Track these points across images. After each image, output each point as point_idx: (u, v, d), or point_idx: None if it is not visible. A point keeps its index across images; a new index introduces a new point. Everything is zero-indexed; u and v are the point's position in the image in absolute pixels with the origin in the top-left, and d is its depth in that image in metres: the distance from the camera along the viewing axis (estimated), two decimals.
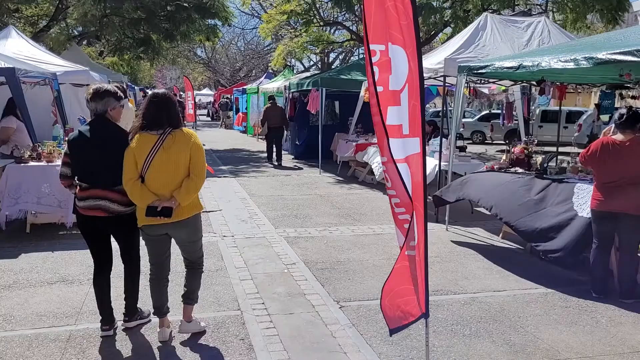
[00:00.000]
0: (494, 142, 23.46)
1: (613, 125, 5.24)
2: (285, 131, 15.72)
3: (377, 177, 10.63)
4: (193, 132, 3.96)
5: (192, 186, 3.82)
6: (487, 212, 6.97)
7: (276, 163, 14.66)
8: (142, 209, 3.83)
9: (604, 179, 5.03)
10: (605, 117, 11.60)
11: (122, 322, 4.28)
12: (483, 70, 6.96)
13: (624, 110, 5.10)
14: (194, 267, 4.19)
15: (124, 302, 4.27)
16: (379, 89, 3.07)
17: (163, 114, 3.83)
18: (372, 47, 3.02)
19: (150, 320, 4.35)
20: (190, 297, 4.17)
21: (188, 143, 3.82)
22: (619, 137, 5.04)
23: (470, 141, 23.39)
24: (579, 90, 8.65)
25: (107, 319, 4.16)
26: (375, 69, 3.04)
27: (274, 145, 14.87)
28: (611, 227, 5.09)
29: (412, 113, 3.04)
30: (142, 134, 3.82)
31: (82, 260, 5.93)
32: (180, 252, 4.17)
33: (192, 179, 3.82)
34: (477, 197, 6.65)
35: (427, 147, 4.26)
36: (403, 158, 3.10)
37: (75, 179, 4.06)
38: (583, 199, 5.50)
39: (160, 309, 4.12)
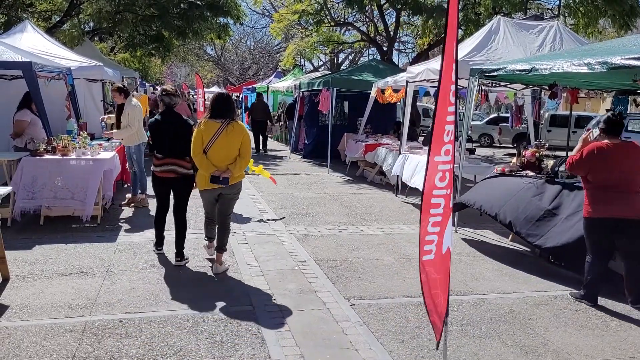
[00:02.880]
0: (502, 145, 23.42)
1: (594, 130, 5.18)
2: (269, 124, 18.04)
3: (391, 179, 10.66)
4: (244, 125, 5.39)
5: (243, 163, 5.32)
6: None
7: (262, 151, 17.23)
8: (205, 176, 5.27)
9: (601, 184, 4.93)
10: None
11: (174, 261, 5.77)
12: (495, 73, 6.99)
13: (612, 116, 5.09)
14: (224, 225, 5.60)
15: (175, 248, 5.76)
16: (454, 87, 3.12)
17: (225, 109, 5.27)
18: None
19: (189, 261, 5.82)
20: (221, 247, 5.59)
21: (242, 133, 5.29)
22: (606, 141, 5.00)
23: (478, 144, 23.36)
24: (592, 96, 8.65)
25: (159, 243, 6.05)
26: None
27: (260, 136, 17.28)
28: (610, 235, 4.96)
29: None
30: (209, 121, 5.23)
31: (95, 252, 6.01)
32: (218, 209, 5.56)
33: (242, 158, 5.29)
34: (493, 211, 6.55)
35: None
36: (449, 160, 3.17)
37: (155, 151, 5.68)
38: None
39: (212, 238, 5.86)
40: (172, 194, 5.81)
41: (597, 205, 4.95)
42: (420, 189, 9.44)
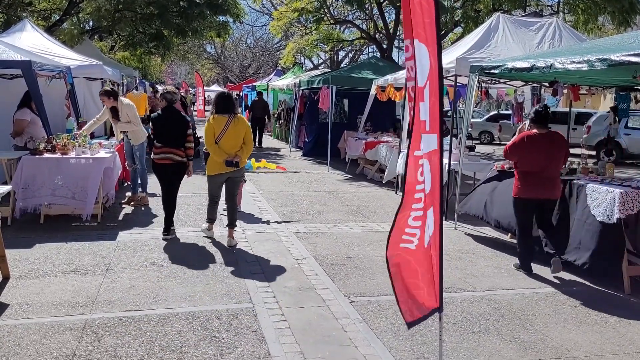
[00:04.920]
0: (502, 142, 23.41)
1: (528, 121, 5.94)
2: (267, 120, 19.28)
3: (386, 175, 10.69)
4: (244, 118, 6.44)
5: (248, 150, 6.32)
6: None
7: (257, 145, 17.85)
8: (218, 163, 6.20)
9: (529, 168, 5.61)
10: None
11: (162, 236, 6.61)
12: (495, 71, 6.98)
13: (539, 108, 5.78)
14: (233, 204, 6.56)
15: (164, 224, 6.68)
16: (410, 84, 3.13)
17: (229, 104, 6.24)
18: (405, 42, 3.10)
19: (174, 236, 6.72)
20: (232, 223, 6.54)
21: (245, 125, 6.31)
22: (534, 131, 5.69)
23: (478, 141, 23.37)
24: (593, 92, 8.65)
25: (167, 229, 6.65)
26: (411, 63, 3.11)
27: (257, 132, 17.98)
28: (533, 212, 5.76)
29: (432, 110, 3.08)
30: (217, 116, 6.18)
31: (95, 251, 6.02)
32: (227, 191, 6.49)
33: (247, 145, 6.29)
34: (507, 222, 6.59)
35: None
36: (426, 154, 3.15)
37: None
38: (597, 200, 5.51)
39: (213, 220, 6.69)
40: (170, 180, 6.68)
41: (525, 188, 5.65)
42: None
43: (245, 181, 8.38)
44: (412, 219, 3.23)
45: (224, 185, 6.50)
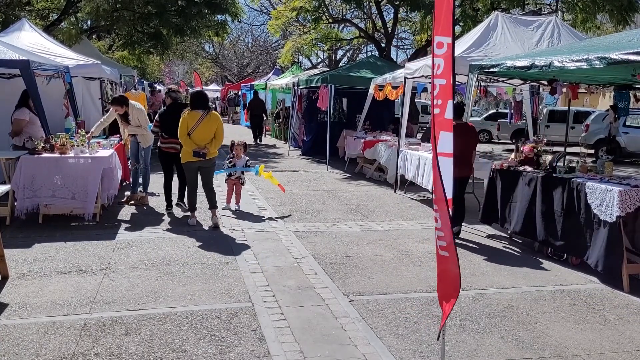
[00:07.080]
0: (501, 141, 23.41)
1: None
2: (265, 118, 20.41)
3: (389, 179, 10.70)
4: (218, 115, 7.19)
5: (217, 143, 7.00)
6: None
7: (258, 141, 19.20)
8: (188, 152, 6.89)
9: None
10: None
11: (181, 210, 7.88)
12: (494, 69, 6.97)
13: (455, 103, 6.62)
14: (210, 191, 7.23)
15: (177, 199, 7.95)
16: (442, 81, 3.12)
17: (203, 102, 7.03)
18: (439, 39, 3.08)
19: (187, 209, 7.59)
20: (212, 205, 7.28)
21: (217, 120, 7.03)
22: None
23: None
24: (592, 91, 8.65)
25: (169, 205, 7.91)
26: (441, 61, 3.09)
27: (257, 129, 19.50)
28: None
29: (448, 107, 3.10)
30: (192, 112, 6.87)
31: (94, 250, 6.01)
32: (202, 180, 7.16)
33: (217, 139, 6.98)
34: (518, 226, 6.75)
35: None
36: (451, 152, 3.16)
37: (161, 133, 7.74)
38: (597, 199, 5.52)
39: (193, 206, 7.33)
40: (174, 166, 7.73)
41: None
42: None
43: (243, 183, 8.46)
44: (436, 221, 3.25)
45: (199, 175, 7.16)
